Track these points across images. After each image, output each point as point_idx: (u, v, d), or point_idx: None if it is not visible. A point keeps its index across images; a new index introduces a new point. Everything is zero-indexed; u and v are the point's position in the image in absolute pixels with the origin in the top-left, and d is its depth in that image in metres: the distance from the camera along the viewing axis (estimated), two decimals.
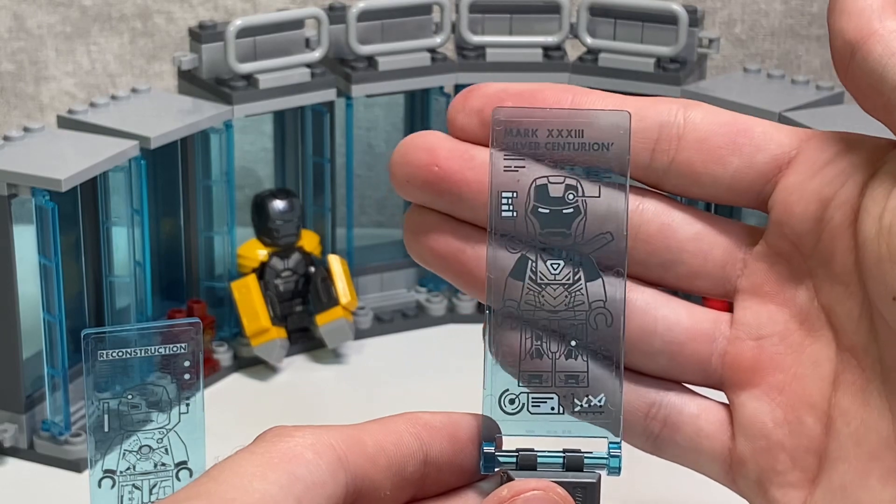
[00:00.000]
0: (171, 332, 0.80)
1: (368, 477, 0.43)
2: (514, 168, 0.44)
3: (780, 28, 1.42)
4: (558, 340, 0.44)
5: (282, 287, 1.18)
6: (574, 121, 0.44)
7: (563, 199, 0.45)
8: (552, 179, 0.44)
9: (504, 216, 0.44)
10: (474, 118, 0.47)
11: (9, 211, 1.00)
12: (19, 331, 1.03)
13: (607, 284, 0.44)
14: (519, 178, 0.44)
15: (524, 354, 0.45)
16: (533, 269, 0.44)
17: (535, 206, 0.44)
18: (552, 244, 0.44)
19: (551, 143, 0.44)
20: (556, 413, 0.45)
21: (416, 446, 0.45)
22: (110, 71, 1.42)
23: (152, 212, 1.14)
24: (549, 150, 0.44)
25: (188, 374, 0.83)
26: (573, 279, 0.45)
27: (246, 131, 1.32)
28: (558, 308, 0.44)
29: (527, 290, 0.44)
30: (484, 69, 1.22)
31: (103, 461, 0.87)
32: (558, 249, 0.44)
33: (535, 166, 0.44)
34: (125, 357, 0.81)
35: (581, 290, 0.44)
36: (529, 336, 0.45)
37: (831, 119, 1.12)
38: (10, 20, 1.40)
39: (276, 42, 1.17)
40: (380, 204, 1.44)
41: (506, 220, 0.44)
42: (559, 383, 0.45)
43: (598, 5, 1.20)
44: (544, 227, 0.44)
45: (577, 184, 0.44)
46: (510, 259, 0.44)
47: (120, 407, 0.85)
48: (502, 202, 0.44)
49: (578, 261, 0.44)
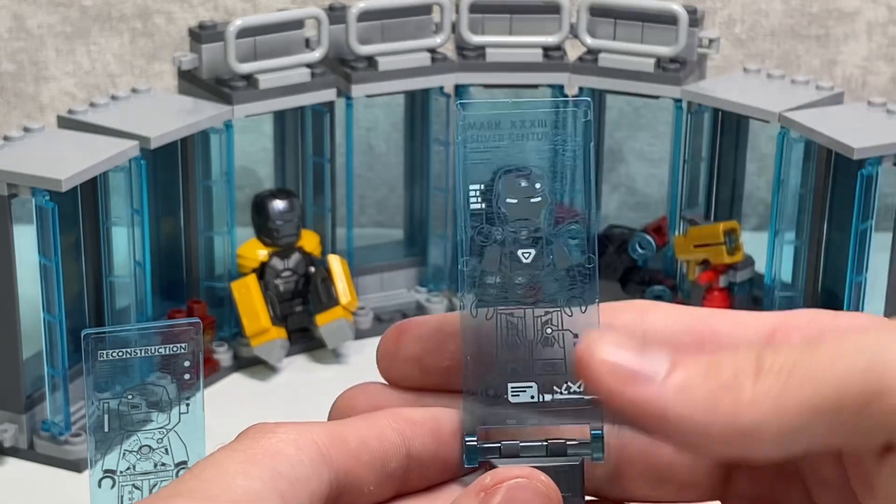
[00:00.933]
0: (171, 332, 0.80)
1: (352, 472, 0.43)
2: (480, 161, 0.45)
3: (780, 28, 1.42)
4: (534, 328, 0.45)
5: (282, 287, 1.18)
6: (536, 111, 0.45)
7: (530, 188, 0.45)
8: (519, 170, 0.45)
9: (473, 209, 0.45)
10: (414, 368, 0.46)
11: (9, 211, 1.00)
12: (19, 331, 1.03)
13: (579, 270, 0.45)
14: (485, 170, 0.45)
15: (501, 344, 0.45)
16: (505, 259, 0.45)
17: (502, 196, 0.45)
18: (521, 234, 0.45)
19: (515, 134, 0.45)
20: (536, 401, 0.45)
21: (398, 441, 0.45)
22: (110, 71, 1.42)
23: (152, 212, 1.14)
24: (513, 140, 0.45)
25: (188, 374, 0.83)
26: (545, 267, 0.45)
27: (246, 131, 1.32)
28: (531, 296, 0.45)
29: (500, 280, 0.45)
30: (484, 69, 1.22)
31: (103, 461, 0.87)
32: (530, 238, 0.45)
33: (500, 157, 0.45)
34: (125, 357, 0.81)
35: (554, 278, 0.45)
36: (505, 325, 0.45)
37: (831, 119, 1.12)
38: (10, 20, 1.40)
39: (276, 42, 1.17)
40: (380, 204, 1.44)
41: (475, 212, 0.45)
42: (538, 371, 0.45)
43: (598, 5, 1.20)
44: (513, 217, 0.45)
45: (542, 173, 0.45)
46: (481, 250, 0.45)
47: (120, 407, 0.85)
48: (470, 195, 0.45)
49: (550, 249, 0.45)
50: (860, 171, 1.07)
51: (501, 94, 1.37)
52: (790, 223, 1.16)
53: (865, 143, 1.07)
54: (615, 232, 1.24)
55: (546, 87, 1.23)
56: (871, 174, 1.07)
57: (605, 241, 1.24)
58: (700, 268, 1.18)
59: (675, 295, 1.23)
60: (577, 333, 0.45)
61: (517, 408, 0.45)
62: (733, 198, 1.25)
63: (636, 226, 1.26)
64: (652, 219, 1.28)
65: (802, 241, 1.17)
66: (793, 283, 1.18)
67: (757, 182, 1.39)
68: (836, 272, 1.16)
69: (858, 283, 1.10)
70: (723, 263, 1.17)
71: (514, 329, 0.45)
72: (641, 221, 1.31)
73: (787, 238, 1.16)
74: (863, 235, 1.09)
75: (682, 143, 1.22)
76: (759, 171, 1.39)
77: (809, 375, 0.39)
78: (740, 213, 1.26)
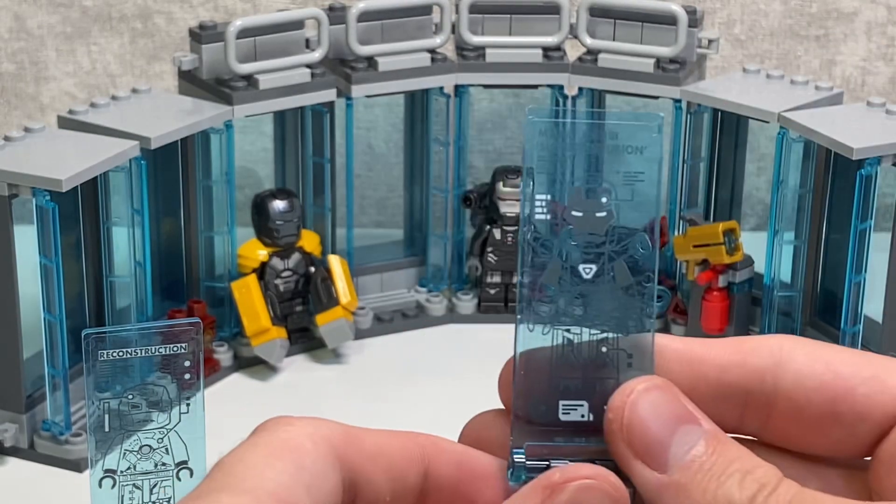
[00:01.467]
0: (171, 332, 0.81)
1: (366, 475, 0.43)
2: (548, 171, 0.44)
3: (780, 28, 1.42)
4: (589, 346, 0.44)
5: (282, 287, 1.18)
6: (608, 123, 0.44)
7: (597, 202, 0.44)
8: (587, 183, 0.44)
9: (538, 219, 0.44)
10: None
11: (9, 211, 1.00)
12: (20, 331, 1.03)
13: (638, 290, 0.44)
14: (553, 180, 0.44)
15: (555, 360, 0.44)
16: (565, 274, 0.44)
17: (568, 209, 0.44)
18: (585, 247, 0.44)
19: (585, 146, 0.44)
20: (586, 420, 0.44)
21: (418, 455, 0.44)
22: (111, 71, 1.43)
23: (153, 212, 1.14)
24: (583, 152, 0.44)
25: (188, 374, 0.83)
26: (605, 284, 0.44)
27: (246, 131, 1.32)
28: (589, 312, 0.44)
29: (558, 295, 0.44)
30: (484, 69, 1.22)
31: (104, 461, 0.87)
32: (592, 254, 0.44)
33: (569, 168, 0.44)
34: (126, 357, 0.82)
35: (613, 296, 0.44)
36: (560, 341, 0.45)
37: (830, 119, 1.12)
38: (10, 20, 1.41)
39: (276, 42, 1.17)
40: (380, 204, 1.44)
41: (540, 222, 0.44)
42: (589, 390, 0.44)
43: (597, 6, 1.20)
44: (577, 231, 0.44)
45: (610, 188, 0.44)
46: (544, 261, 0.44)
47: (120, 407, 0.85)
48: (536, 205, 0.44)
49: (611, 266, 0.44)
50: (859, 172, 1.08)
51: (501, 94, 1.37)
52: (789, 223, 1.16)
53: (864, 144, 1.07)
54: None
55: (546, 87, 1.24)
56: (870, 174, 1.08)
57: None
58: (699, 268, 1.19)
59: (674, 295, 1.23)
60: (632, 354, 0.44)
61: (567, 426, 0.44)
62: (732, 198, 1.25)
63: None
64: None
65: (802, 241, 1.17)
66: (792, 282, 1.18)
67: (756, 182, 1.40)
68: (835, 272, 1.16)
69: (857, 283, 1.11)
70: (722, 263, 1.17)
71: (569, 346, 0.44)
72: None
73: (786, 238, 1.16)
74: (862, 235, 1.09)
75: (681, 143, 1.22)
76: (758, 171, 1.39)
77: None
78: (739, 213, 1.26)
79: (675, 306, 1.23)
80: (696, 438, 0.41)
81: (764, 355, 0.44)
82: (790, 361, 0.43)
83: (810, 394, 0.43)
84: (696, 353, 0.44)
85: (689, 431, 0.41)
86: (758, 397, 0.44)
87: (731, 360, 0.44)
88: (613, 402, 0.42)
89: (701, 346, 0.44)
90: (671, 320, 1.24)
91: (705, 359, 0.44)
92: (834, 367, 0.43)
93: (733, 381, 0.44)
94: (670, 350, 0.44)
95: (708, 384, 0.44)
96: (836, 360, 0.43)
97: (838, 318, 1.13)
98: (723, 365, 0.44)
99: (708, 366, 0.44)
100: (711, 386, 0.44)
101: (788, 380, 0.43)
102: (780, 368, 0.43)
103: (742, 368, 0.44)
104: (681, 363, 0.44)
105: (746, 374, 0.43)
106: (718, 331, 1.19)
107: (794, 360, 0.43)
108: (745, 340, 0.44)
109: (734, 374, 0.43)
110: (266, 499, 0.40)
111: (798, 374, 0.43)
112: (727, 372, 0.44)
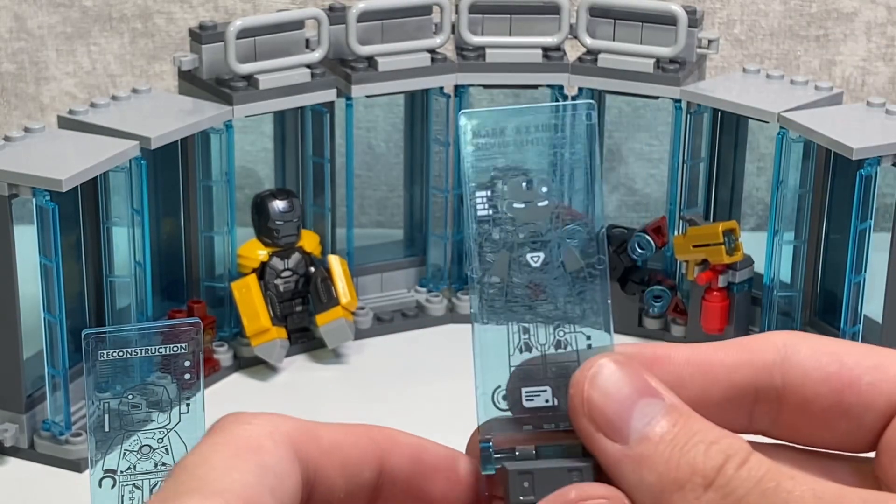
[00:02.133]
0: (171, 332, 0.81)
1: (322, 471, 0.43)
2: (486, 168, 0.45)
3: (780, 28, 1.42)
4: (546, 332, 0.44)
5: (282, 287, 1.18)
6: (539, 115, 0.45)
7: (537, 192, 0.45)
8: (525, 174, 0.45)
9: (480, 215, 0.45)
10: None
11: (9, 211, 1.00)
12: (20, 331, 1.03)
13: (589, 272, 0.44)
14: (491, 176, 0.45)
15: (513, 350, 0.45)
16: (514, 264, 0.45)
17: (510, 202, 0.45)
18: (531, 238, 0.45)
19: (519, 140, 0.45)
20: (550, 405, 0.44)
21: (372, 451, 0.44)
22: (111, 71, 1.43)
23: (153, 212, 1.14)
24: (518, 145, 0.45)
25: (188, 374, 0.84)
26: (554, 270, 0.45)
27: (246, 131, 1.32)
28: (542, 299, 0.44)
29: (509, 285, 0.45)
30: (484, 70, 1.22)
31: (104, 461, 0.87)
32: (538, 242, 0.45)
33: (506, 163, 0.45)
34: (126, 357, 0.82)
35: (564, 281, 0.44)
36: (517, 330, 0.45)
37: (830, 119, 1.12)
38: (10, 21, 1.41)
39: (276, 43, 1.17)
40: (380, 204, 1.44)
41: (482, 218, 0.45)
42: (551, 375, 0.44)
43: (597, 6, 1.20)
44: (521, 222, 0.45)
45: (548, 177, 0.45)
46: (492, 256, 0.45)
47: (120, 407, 0.85)
48: (477, 202, 0.45)
49: (559, 252, 0.45)
50: (859, 172, 1.08)
51: (501, 94, 1.37)
52: (789, 223, 1.16)
53: (864, 144, 1.07)
54: (614, 232, 1.25)
55: (546, 87, 1.24)
56: (869, 174, 1.08)
57: None
58: (699, 268, 1.19)
59: (674, 295, 1.23)
60: (590, 336, 0.44)
61: (532, 412, 0.44)
62: (732, 198, 1.25)
63: (635, 226, 1.26)
64: (651, 219, 1.28)
65: (801, 241, 1.17)
66: (792, 282, 1.18)
67: (756, 182, 1.40)
68: (834, 272, 1.16)
69: (857, 283, 1.11)
70: (722, 263, 1.17)
71: (525, 333, 0.45)
72: (641, 221, 1.31)
73: (786, 238, 1.16)
74: (862, 235, 1.09)
75: (681, 143, 1.22)
76: (758, 171, 1.39)
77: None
78: (739, 213, 1.26)
79: (675, 306, 1.23)
80: (658, 411, 0.41)
81: (770, 351, 0.44)
82: (796, 355, 0.44)
83: (817, 386, 0.43)
84: (704, 356, 0.44)
85: (650, 404, 0.42)
86: (767, 393, 0.44)
87: (739, 359, 0.44)
88: (574, 379, 0.43)
89: (707, 349, 0.45)
90: (671, 320, 1.24)
91: (713, 361, 0.44)
92: (839, 357, 0.44)
93: (743, 379, 0.44)
94: (680, 357, 0.44)
95: (719, 386, 0.44)
96: (840, 351, 0.44)
97: (838, 318, 1.13)
98: (731, 365, 0.44)
99: (717, 367, 0.44)
100: (722, 387, 0.44)
101: (795, 374, 0.44)
102: (786, 363, 0.44)
103: (750, 367, 0.44)
104: (691, 369, 0.44)
105: (755, 372, 0.44)
106: (718, 331, 1.19)
107: (799, 353, 0.44)
108: (749, 340, 0.45)
109: (743, 373, 0.44)
110: (234, 500, 0.40)
111: (804, 368, 0.44)
112: (736, 371, 0.44)
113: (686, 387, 0.44)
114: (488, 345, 0.45)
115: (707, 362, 0.44)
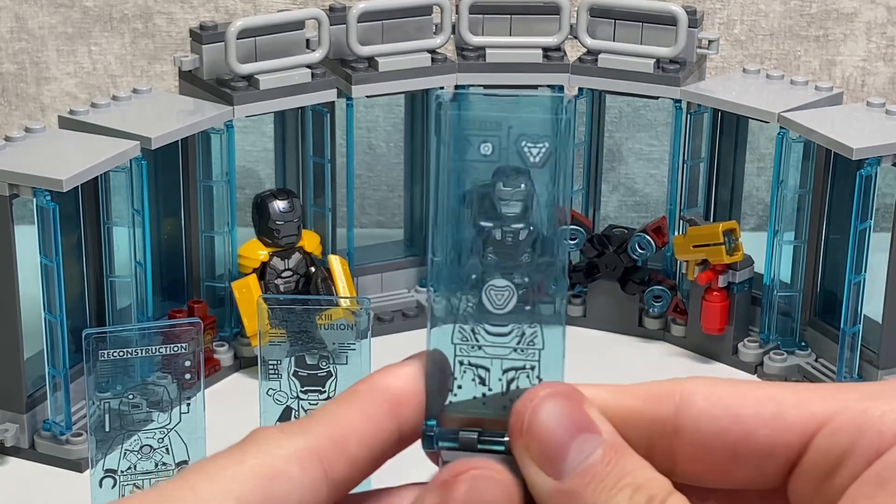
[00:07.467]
0: (172, 332, 0.81)
1: (349, 479, 0.43)
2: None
3: (779, 29, 1.42)
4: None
5: (282, 287, 1.18)
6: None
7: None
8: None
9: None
10: None
11: (10, 211, 1.00)
12: (21, 331, 1.03)
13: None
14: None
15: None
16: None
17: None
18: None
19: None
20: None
21: (393, 427, 0.44)
22: (111, 71, 1.43)
23: (153, 212, 1.14)
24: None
25: (189, 374, 0.84)
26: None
27: (247, 132, 1.32)
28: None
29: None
30: (484, 70, 1.22)
31: (104, 461, 0.87)
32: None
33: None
34: (126, 357, 0.82)
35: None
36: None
37: (830, 119, 1.12)
38: (11, 21, 1.41)
39: (276, 43, 1.17)
40: (380, 204, 1.44)
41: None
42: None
43: (597, 6, 1.20)
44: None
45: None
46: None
47: (121, 406, 0.85)
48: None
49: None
50: (859, 172, 1.08)
51: None
52: (789, 223, 1.16)
53: (864, 144, 1.07)
54: (615, 232, 1.25)
55: (546, 87, 1.24)
56: (869, 174, 1.08)
57: (605, 242, 1.24)
58: (699, 268, 1.19)
59: (674, 295, 1.23)
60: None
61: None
62: (732, 198, 1.25)
63: (636, 226, 1.26)
64: (651, 219, 1.28)
65: (801, 241, 1.17)
66: (792, 282, 1.18)
67: (756, 182, 1.40)
68: (834, 272, 1.16)
69: (857, 283, 1.11)
70: (722, 263, 1.17)
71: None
72: (641, 221, 1.32)
73: (786, 238, 1.16)
74: (861, 235, 1.09)
75: (681, 143, 1.22)
76: (758, 171, 1.39)
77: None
78: (739, 214, 1.26)
79: (675, 306, 1.23)
80: (594, 447, 0.41)
81: (666, 403, 0.43)
82: (690, 407, 0.43)
83: (710, 440, 0.43)
84: (602, 401, 0.44)
85: (587, 440, 0.42)
86: (660, 443, 0.43)
87: (633, 408, 0.44)
88: (517, 406, 0.43)
89: (607, 393, 0.44)
90: (671, 320, 1.24)
91: (609, 406, 0.43)
92: (733, 410, 0.43)
93: (636, 430, 0.43)
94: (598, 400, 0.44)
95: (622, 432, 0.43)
96: (735, 403, 0.43)
97: (838, 318, 1.13)
98: (625, 415, 0.43)
99: (611, 414, 0.43)
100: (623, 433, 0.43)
101: (688, 427, 0.43)
102: (680, 416, 0.43)
103: (643, 418, 0.43)
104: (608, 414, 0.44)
105: (649, 424, 0.43)
106: (718, 331, 1.19)
107: (693, 405, 0.43)
108: (653, 386, 0.44)
109: (636, 422, 0.43)
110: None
111: (697, 422, 0.43)
112: (629, 421, 0.43)
113: None
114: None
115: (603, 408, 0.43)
